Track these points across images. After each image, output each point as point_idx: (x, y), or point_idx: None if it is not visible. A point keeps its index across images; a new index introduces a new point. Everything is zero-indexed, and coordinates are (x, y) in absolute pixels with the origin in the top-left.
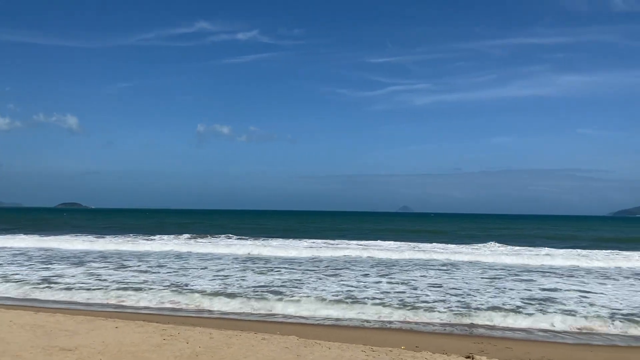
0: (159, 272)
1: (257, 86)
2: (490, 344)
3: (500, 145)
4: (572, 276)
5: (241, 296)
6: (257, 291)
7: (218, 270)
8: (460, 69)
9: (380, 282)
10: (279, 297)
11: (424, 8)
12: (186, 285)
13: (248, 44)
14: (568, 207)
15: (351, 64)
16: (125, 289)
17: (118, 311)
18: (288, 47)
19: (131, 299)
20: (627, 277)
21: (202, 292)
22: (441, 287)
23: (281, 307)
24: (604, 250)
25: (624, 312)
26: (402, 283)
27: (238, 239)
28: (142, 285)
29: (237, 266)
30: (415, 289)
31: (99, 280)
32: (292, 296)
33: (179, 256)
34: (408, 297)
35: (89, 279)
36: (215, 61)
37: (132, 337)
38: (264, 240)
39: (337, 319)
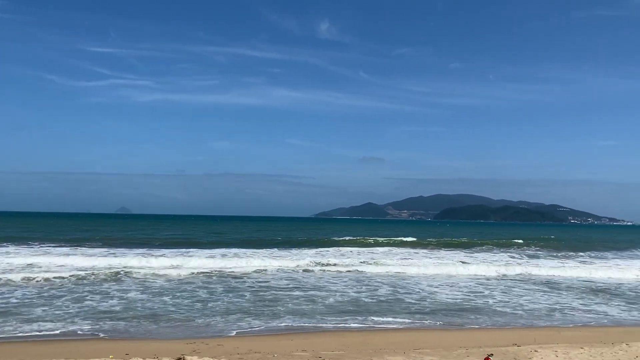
0: None
1: None
2: (203, 344)
3: (221, 150)
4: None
5: None
6: None
7: None
8: (184, 71)
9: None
10: None
11: (149, 3)
12: None
13: None
14: (281, 209)
15: (65, 49)
16: None
17: None
18: None
19: None
20: (341, 278)
21: None
22: (162, 295)
23: None
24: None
25: (340, 300)
26: (107, 295)
27: None
28: None
29: None
30: (128, 299)
31: None
32: None
33: None
34: (122, 306)
35: None
36: None
37: None
38: None
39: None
